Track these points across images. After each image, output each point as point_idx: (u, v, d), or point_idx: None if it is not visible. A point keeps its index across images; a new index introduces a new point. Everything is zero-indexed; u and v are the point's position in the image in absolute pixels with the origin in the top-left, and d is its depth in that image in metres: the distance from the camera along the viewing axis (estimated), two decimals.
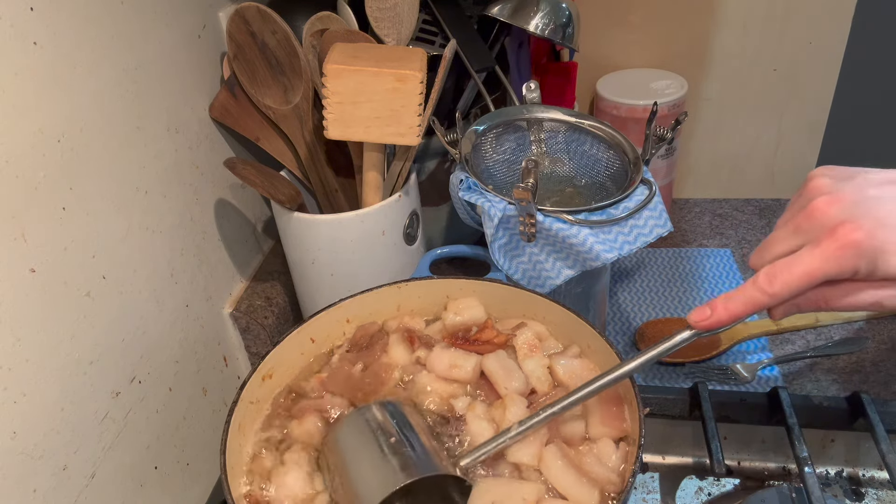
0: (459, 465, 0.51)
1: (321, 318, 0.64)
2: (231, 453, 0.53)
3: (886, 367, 0.81)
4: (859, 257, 0.43)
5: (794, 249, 0.46)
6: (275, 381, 0.61)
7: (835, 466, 0.71)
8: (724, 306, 0.48)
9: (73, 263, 0.56)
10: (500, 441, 0.52)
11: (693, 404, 0.71)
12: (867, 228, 0.43)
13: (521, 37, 0.91)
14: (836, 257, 0.43)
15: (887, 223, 0.43)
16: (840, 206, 0.44)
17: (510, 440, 0.52)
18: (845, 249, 0.43)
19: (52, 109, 0.54)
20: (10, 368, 0.50)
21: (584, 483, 0.50)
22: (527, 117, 0.79)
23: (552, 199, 0.78)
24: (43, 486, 0.53)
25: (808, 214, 0.45)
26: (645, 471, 0.73)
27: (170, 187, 0.70)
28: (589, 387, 0.52)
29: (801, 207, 0.46)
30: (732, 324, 0.49)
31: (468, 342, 0.61)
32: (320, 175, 0.82)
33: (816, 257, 0.44)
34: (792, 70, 1.01)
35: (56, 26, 0.54)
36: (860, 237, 0.43)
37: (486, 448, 0.52)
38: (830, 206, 0.45)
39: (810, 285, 0.45)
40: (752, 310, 0.47)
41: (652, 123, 0.74)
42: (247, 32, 0.74)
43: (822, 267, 0.44)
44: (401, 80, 0.68)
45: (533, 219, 0.67)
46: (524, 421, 0.52)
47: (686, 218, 1.10)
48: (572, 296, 0.77)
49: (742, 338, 0.85)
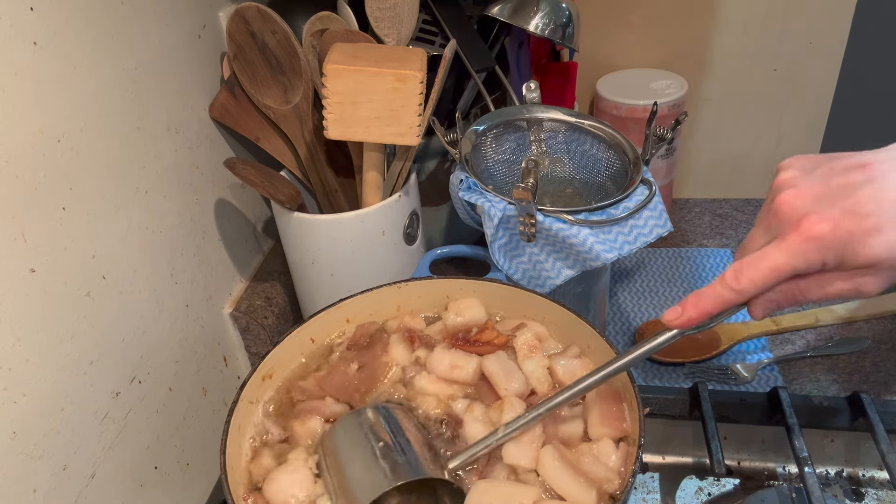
0: (448, 467, 0.51)
1: (321, 318, 0.64)
2: (231, 453, 0.53)
3: (886, 367, 0.81)
4: (825, 249, 0.43)
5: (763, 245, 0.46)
6: (275, 381, 0.61)
7: (835, 466, 0.71)
8: (694, 304, 0.48)
9: (73, 263, 0.56)
10: (488, 443, 0.52)
11: (693, 404, 0.71)
12: (833, 219, 0.42)
13: (521, 37, 0.91)
14: (802, 251, 0.43)
15: (854, 212, 0.42)
16: (804, 199, 0.44)
17: (496, 442, 0.52)
18: (810, 242, 0.43)
19: (52, 109, 0.54)
20: (10, 368, 0.50)
21: (581, 483, 0.50)
22: (527, 117, 0.79)
23: (552, 199, 0.78)
24: (43, 486, 0.53)
25: (774, 210, 0.45)
26: (645, 471, 0.73)
27: (170, 187, 0.70)
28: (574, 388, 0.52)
29: (769, 203, 0.46)
30: (708, 321, 0.48)
31: (468, 343, 0.61)
32: (320, 175, 0.82)
33: (782, 252, 0.44)
34: (792, 70, 1.01)
35: (56, 26, 0.54)
36: (825, 230, 0.42)
37: (474, 450, 0.52)
38: (795, 200, 0.44)
39: (778, 280, 0.45)
40: (722, 306, 0.47)
41: (652, 123, 0.74)
42: (247, 32, 0.74)
43: (788, 261, 0.44)
44: (401, 80, 0.68)
45: (533, 219, 0.67)
46: (510, 423, 0.52)
47: (686, 218, 1.10)
48: (572, 296, 0.77)
49: (742, 338, 0.85)
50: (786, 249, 0.44)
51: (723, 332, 0.86)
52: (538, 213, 0.68)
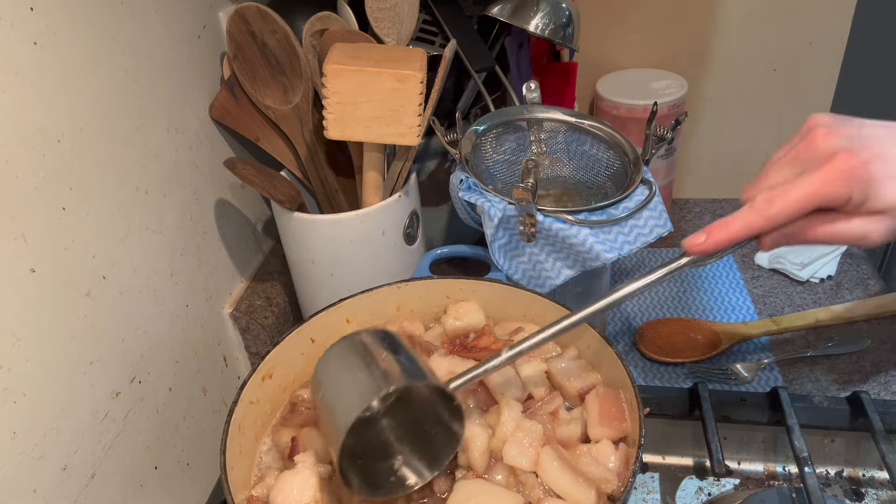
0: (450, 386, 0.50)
1: (321, 318, 0.64)
2: (231, 453, 0.53)
3: (886, 367, 0.81)
4: (854, 183, 0.45)
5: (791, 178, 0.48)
6: (275, 381, 0.61)
7: (835, 466, 0.71)
8: (723, 229, 0.49)
9: (73, 263, 0.56)
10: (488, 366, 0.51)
11: (693, 404, 0.71)
12: (863, 158, 0.45)
13: (521, 37, 0.91)
14: (832, 182, 0.45)
15: (882, 155, 0.45)
16: (838, 137, 0.47)
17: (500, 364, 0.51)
18: (841, 175, 0.45)
19: (52, 109, 0.54)
20: (10, 368, 0.50)
21: (580, 483, 0.50)
22: (527, 117, 0.79)
23: (552, 199, 0.78)
24: (43, 486, 0.53)
25: (807, 144, 0.48)
26: (645, 471, 0.73)
27: (170, 187, 0.70)
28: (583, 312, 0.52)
29: (801, 138, 0.49)
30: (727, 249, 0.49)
31: (466, 349, 0.61)
32: (320, 175, 0.82)
33: (815, 181, 0.46)
34: (792, 70, 1.01)
35: (56, 26, 0.54)
36: (856, 164, 0.45)
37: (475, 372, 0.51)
38: (829, 137, 0.47)
39: (805, 210, 0.47)
40: (749, 233, 0.48)
41: (652, 123, 0.74)
42: (247, 32, 0.74)
43: (819, 190, 0.46)
44: (401, 80, 0.68)
45: (533, 219, 0.67)
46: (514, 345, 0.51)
47: (686, 218, 1.10)
48: (572, 296, 0.77)
49: (742, 338, 0.85)
50: (819, 179, 0.46)
51: (723, 332, 0.86)
52: (538, 213, 0.68)
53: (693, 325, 0.88)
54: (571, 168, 0.79)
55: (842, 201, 0.46)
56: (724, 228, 0.49)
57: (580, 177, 0.78)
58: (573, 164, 0.79)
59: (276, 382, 0.61)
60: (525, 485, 0.51)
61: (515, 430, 0.53)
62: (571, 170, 0.79)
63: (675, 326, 0.88)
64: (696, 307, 0.93)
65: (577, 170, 0.79)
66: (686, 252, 0.50)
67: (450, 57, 0.74)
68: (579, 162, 0.79)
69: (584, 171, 0.78)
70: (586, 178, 0.78)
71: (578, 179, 0.78)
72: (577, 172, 0.79)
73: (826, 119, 0.49)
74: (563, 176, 0.79)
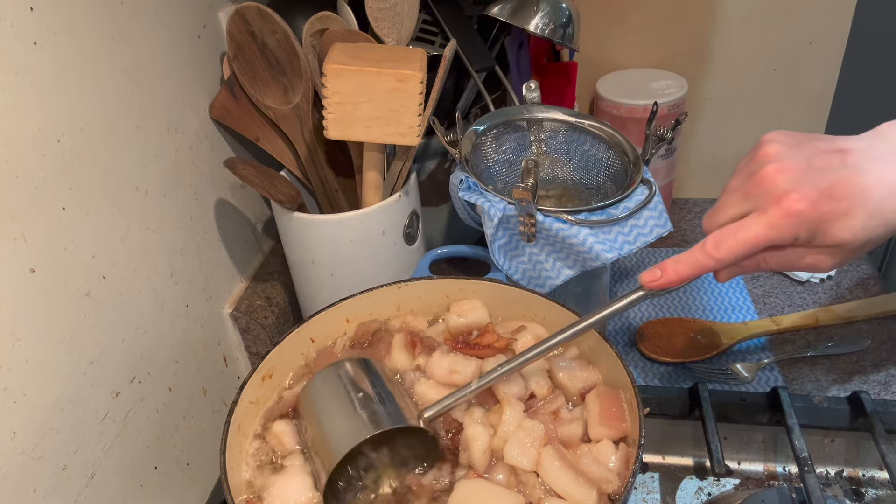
0: (423, 417, 0.53)
1: (321, 318, 0.64)
2: (231, 453, 0.53)
3: (886, 367, 0.81)
4: (801, 225, 0.46)
5: (743, 214, 0.49)
6: (275, 381, 0.61)
7: (835, 466, 0.71)
8: (673, 268, 0.51)
9: (73, 263, 0.56)
10: (460, 395, 0.54)
11: (693, 404, 0.71)
12: (811, 199, 0.46)
13: (521, 37, 0.91)
14: (780, 225, 0.46)
15: (830, 194, 0.46)
16: (787, 175, 0.47)
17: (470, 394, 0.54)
18: (789, 218, 0.46)
19: (52, 109, 0.54)
20: (10, 368, 0.50)
21: (581, 483, 0.50)
22: (527, 117, 0.79)
23: (552, 199, 0.78)
24: (43, 486, 0.53)
25: (757, 182, 0.48)
26: (645, 471, 0.73)
27: (170, 187, 0.70)
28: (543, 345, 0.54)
29: (752, 174, 0.49)
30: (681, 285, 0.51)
31: (469, 346, 0.61)
32: (320, 175, 0.82)
33: (762, 224, 0.47)
34: (792, 70, 1.01)
35: (56, 26, 0.54)
36: (803, 207, 0.46)
37: (448, 402, 0.54)
38: (778, 175, 0.47)
39: (755, 250, 0.48)
40: (699, 272, 0.50)
41: (652, 123, 0.74)
42: (247, 32, 0.74)
43: (766, 234, 0.47)
44: (401, 80, 0.68)
45: (533, 219, 0.67)
46: (483, 377, 0.54)
47: (686, 218, 1.10)
48: (572, 296, 0.77)
49: (742, 338, 0.85)
50: (766, 222, 0.47)
51: (723, 332, 0.86)
52: (538, 213, 0.68)
53: (693, 325, 0.88)
54: (571, 168, 0.79)
55: (789, 241, 0.47)
56: (676, 268, 0.50)
57: (580, 177, 0.78)
58: (573, 164, 0.79)
59: (276, 382, 0.61)
60: (526, 485, 0.51)
61: (517, 429, 0.53)
62: (571, 170, 0.79)
63: (675, 326, 0.88)
64: (696, 307, 0.93)
65: (577, 170, 0.79)
66: (642, 286, 0.52)
67: (450, 57, 0.74)
68: (579, 162, 0.79)
69: (584, 171, 0.78)
70: (586, 178, 0.78)
71: (578, 179, 0.78)
72: (577, 172, 0.79)
73: (776, 151, 0.49)
74: (563, 176, 0.79)
